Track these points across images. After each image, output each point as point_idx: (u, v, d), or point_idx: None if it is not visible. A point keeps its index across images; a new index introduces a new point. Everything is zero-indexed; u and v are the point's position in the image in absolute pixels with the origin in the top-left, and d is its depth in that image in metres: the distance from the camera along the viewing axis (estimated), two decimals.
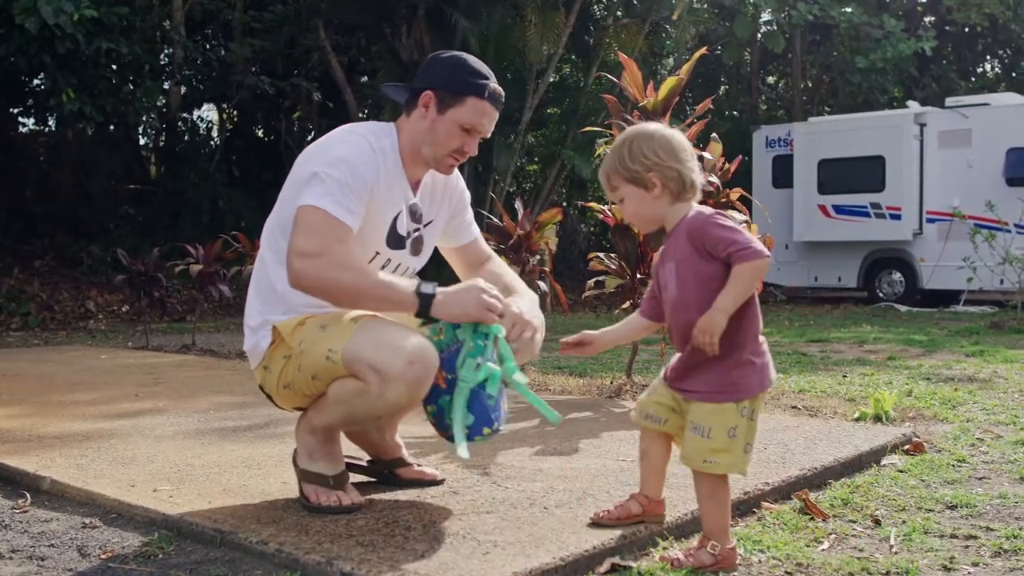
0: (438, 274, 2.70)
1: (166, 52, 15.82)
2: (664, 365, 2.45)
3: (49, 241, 13.85)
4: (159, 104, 14.71)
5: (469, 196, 2.96)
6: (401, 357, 2.38)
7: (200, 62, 16.23)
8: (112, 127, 15.02)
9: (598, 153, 5.11)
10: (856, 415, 4.22)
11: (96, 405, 4.74)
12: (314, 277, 2.41)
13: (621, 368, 5.93)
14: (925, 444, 3.67)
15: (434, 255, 2.93)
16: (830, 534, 2.57)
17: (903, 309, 13.49)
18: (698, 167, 2.33)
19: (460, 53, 2.73)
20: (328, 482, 2.60)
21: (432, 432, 3.80)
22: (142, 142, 17.55)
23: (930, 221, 14.15)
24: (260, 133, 19.47)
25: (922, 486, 3.10)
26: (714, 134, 5.27)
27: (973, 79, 22.64)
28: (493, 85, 2.64)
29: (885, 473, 3.26)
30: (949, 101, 14.76)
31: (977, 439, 3.85)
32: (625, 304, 4.91)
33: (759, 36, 21.13)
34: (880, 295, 14.71)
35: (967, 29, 21.83)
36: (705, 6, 20.06)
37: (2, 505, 2.91)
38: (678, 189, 2.28)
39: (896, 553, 2.43)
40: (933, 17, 22.02)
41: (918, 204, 14.24)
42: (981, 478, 3.22)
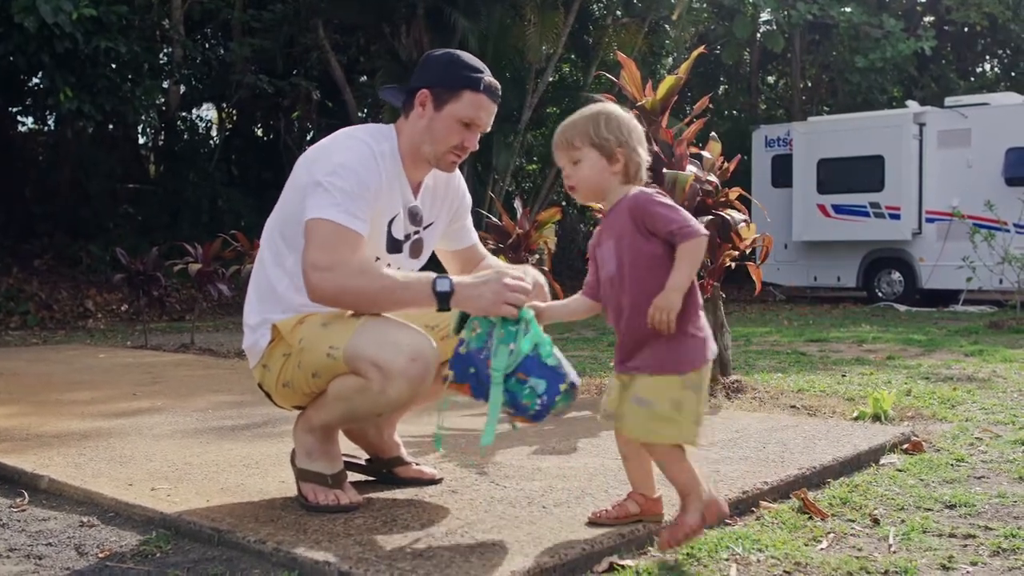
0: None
1: (165, 51, 15.82)
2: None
3: (48, 240, 13.85)
4: (158, 103, 14.70)
5: (470, 200, 2.96)
6: (403, 354, 2.38)
7: (199, 61, 16.23)
8: (111, 126, 15.03)
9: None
10: (855, 414, 4.22)
11: (94, 404, 4.74)
12: (333, 289, 2.42)
13: None
14: (924, 443, 3.67)
15: (433, 254, 2.93)
16: (828, 533, 2.57)
17: (902, 309, 13.49)
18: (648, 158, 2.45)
19: (453, 50, 2.73)
20: (326, 481, 2.59)
21: (430, 431, 3.81)
22: (141, 141, 17.56)
23: (929, 221, 14.15)
24: (259, 132, 19.47)
25: (921, 485, 3.09)
26: (713, 133, 5.26)
27: (972, 79, 22.64)
28: (488, 78, 2.64)
29: (884, 472, 3.26)
30: (948, 101, 14.75)
31: (976, 438, 3.85)
32: None
33: (758, 36, 21.13)
34: (879, 295, 14.70)
35: (966, 29, 21.84)
36: (704, 5, 20.07)
37: (0, 504, 2.91)
38: (633, 171, 2.38)
39: (895, 552, 2.42)
40: (932, 17, 22.02)
41: (917, 204, 14.24)
42: (980, 477, 3.22)
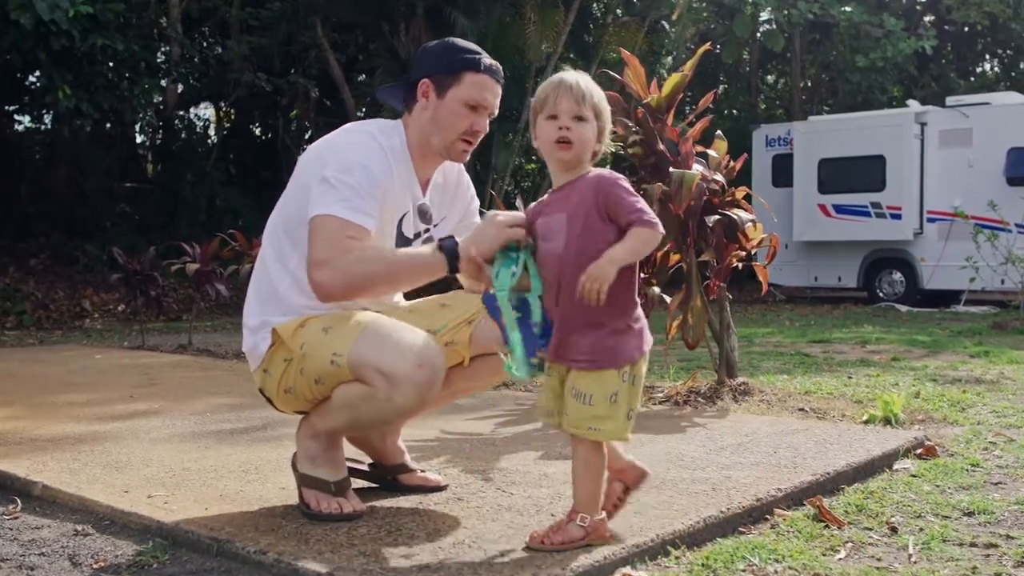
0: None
1: (163, 49, 15.73)
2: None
3: (44, 239, 13.77)
4: (156, 102, 14.61)
5: (477, 201, 2.90)
6: (409, 360, 2.30)
7: (197, 60, 16.13)
8: (108, 125, 14.93)
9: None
10: (865, 417, 4.14)
11: (90, 406, 4.66)
12: (339, 282, 2.34)
13: None
14: (937, 448, 3.59)
15: None
16: (846, 542, 2.50)
17: (903, 309, 13.43)
18: None
19: (448, 38, 2.66)
20: (329, 488, 2.51)
21: (434, 435, 3.75)
22: (138, 140, 17.47)
23: (931, 221, 14.09)
24: (257, 131, 19.39)
25: (937, 492, 3.02)
26: (719, 131, 5.18)
27: (972, 78, 22.59)
28: (488, 59, 2.57)
29: (899, 478, 3.19)
30: (950, 100, 14.68)
31: (990, 443, 3.77)
32: None
33: (758, 35, 21.07)
34: (880, 295, 14.64)
35: (966, 28, 21.79)
36: (704, 4, 20.00)
37: None
38: (597, 157, 2.32)
39: (915, 563, 2.35)
40: (932, 16, 21.97)
41: (919, 204, 14.17)
42: (997, 483, 3.15)
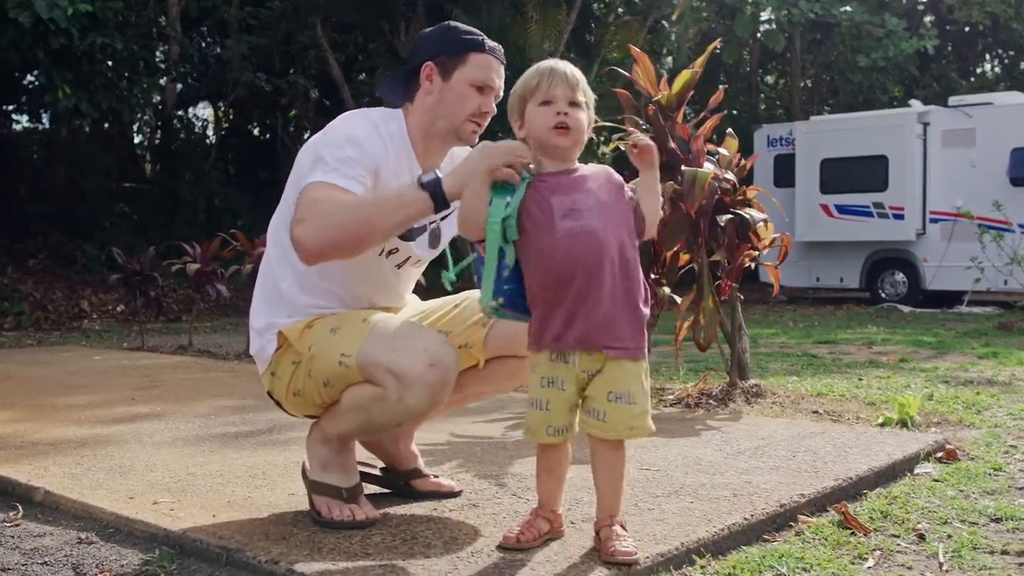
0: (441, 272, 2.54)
1: (161, 49, 15.64)
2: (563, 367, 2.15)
3: (43, 239, 13.68)
4: (155, 101, 14.53)
5: None
6: (420, 360, 2.22)
7: (196, 59, 16.05)
8: (107, 125, 14.85)
9: (613, 146, 4.94)
10: (880, 420, 4.07)
11: (91, 409, 4.57)
12: (314, 236, 2.17)
13: None
14: (958, 451, 3.52)
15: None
16: (874, 550, 2.42)
17: (906, 310, 13.36)
18: None
19: (446, 22, 2.59)
20: (341, 495, 2.43)
21: (444, 439, 3.67)
22: (137, 140, 17.38)
23: (933, 221, 14.01)
24: (256, 131, 19.31)
25: (961, 497, 2.95)
26: (729, 129, 5.12)
27: (973, 79, 22.54)
28: (489, 41, 2.51)
29: (921, 483, 3.11)
30: (952, 100, 14.61)
31: (1010, 446, 3.70)
32: None
33: (759, 35, 21.00)
34: (883, 296, 14.56)
35: (967, 28, 21.74)
36: (705, 4, 19.94)
37: None
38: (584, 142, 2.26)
39: (947, 572, 2.28)
40: (933, 16, 21.92)
41: (921, 204, 14.10)
42: (1021, 488, 3.07)
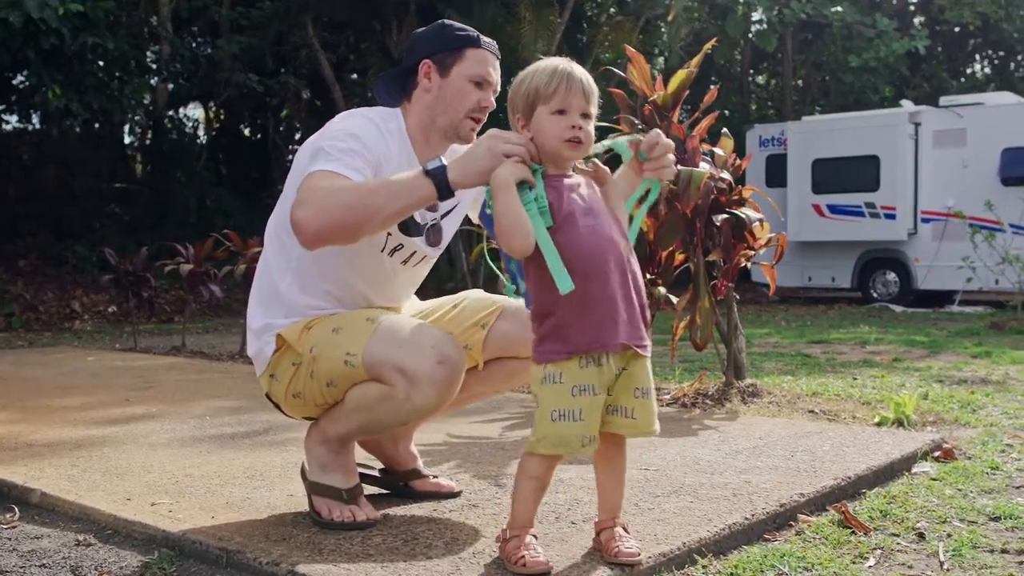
0: (451, 268, 2.53)
1: (152, 49, 15.58)
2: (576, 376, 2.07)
3: (33, 240, 13.62)
4: (145, 102, 14.48)
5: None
6: (429, 357, 2.21)
7: (187, 59, 16.00)
8: (97, 125, 14.78)
9: (606, 148, 4.94)
10: (876, 419, 4.08)
11: (86, 410, 4.55)
12: (311, 216, 2.12)
13: None
14: (955, 450, 3.53)
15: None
16: (875, 549, 2.42)
17: (898, 309, 13.39)
18: None
19: (440, 20, 2.58)
20: (341, 496, 2.42)
21: (441, 439, 3.66)
22: (127, 140, 17.32)
23: (925, 221, 14.05)
24: (247, 132, 19.26)
25: (959, 496, 2.95)
26: (724, 129, 5.12)
27: (963, 79, 22.61)
28: (484, 37, 2.51)
29: (919, 482, 3.12)
30: (943, 100, 14.65)
31: (1006, 445, 3.71)
32: None
33: (750, 35, 21.04)
34: (874, 295, 14.60)
35: (957, 29, 21.81)
36: (697, 4, 19.96)
37: None
38: None
39: (948, 571, 2.28)
40: (924, 17, 21.99)
41: (913, 204, 14.14)
42: (1019, 487, 3.08)
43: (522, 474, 2.13)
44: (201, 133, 18.69)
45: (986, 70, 23.97)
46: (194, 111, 18.97)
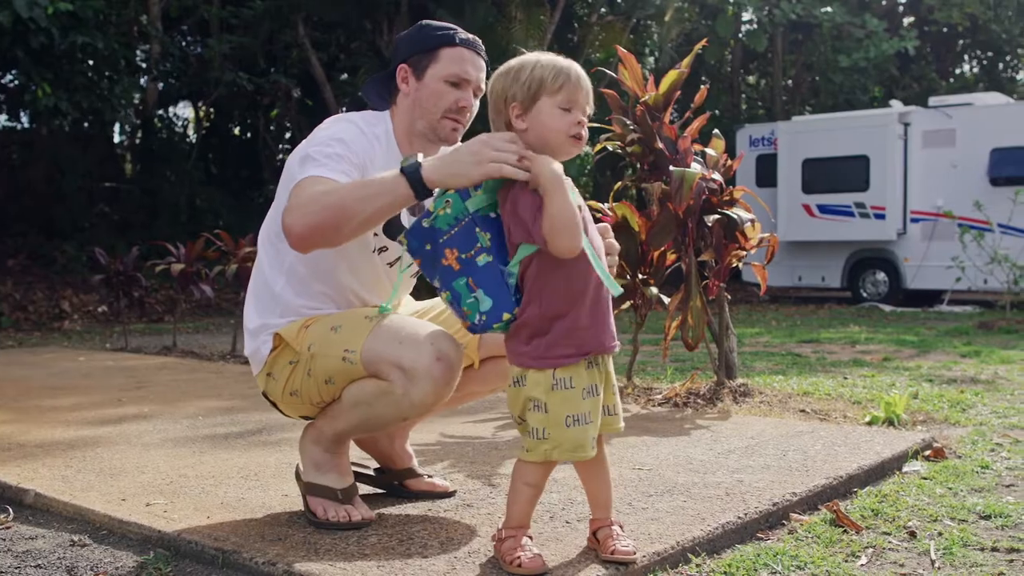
0: None
1: (142, 48, 15.53)
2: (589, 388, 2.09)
3: (22, 240, 13.56)
4: (135, 101, 14.43)
5: None
6: (427, 353, 2.22)
7: (177, 58, 15.96)
8: (87, 124, 14.73)
9: (597, 148, 4.96)
10: (867, 419, 4.10)
11: (78, 411, 4.54)
12: (299, 221, 2.15)
13: (620, 370, 5.78)
14: (945, 449, 3.56)
15: None
16: (867, 548, 2.44)
17: (887, 309, 13.45)
18: None
19: (421, 21, 2.59)
20: (336, 496, 2.43)
21: (435, 439, 3.67)
22: (117, 139, 17.26)
23: (914, 221, 14.11)
24: (237, 131, 19.21)
25: (950, 495, 2.98)
26: (716, 130, 5.14)
27: (952, 79, 22.72)
28: (464, 33, 2.50)
29: (910, 481, 3.14)
30: (933, 101, 14.71)
31: (996, 444, 3.74)
32: (625, 304, 4.77)
33: (740, 35, 21.09)
34: (864, 295, 14.65)
35: (946, 29, 21.91)
36: (687, 4, 20.00)
37: None
38: None
39: (940, 569, 2.30)
40: (913, 17, 22.08)
41: (902, 204, 14.19)
42: (1008, 485, 3.11)
43: (519, 480, 2.13)
44: (191, 132, 18.63)
45: (975, 70, 24.07)
46: (184, 110, 18.95)
